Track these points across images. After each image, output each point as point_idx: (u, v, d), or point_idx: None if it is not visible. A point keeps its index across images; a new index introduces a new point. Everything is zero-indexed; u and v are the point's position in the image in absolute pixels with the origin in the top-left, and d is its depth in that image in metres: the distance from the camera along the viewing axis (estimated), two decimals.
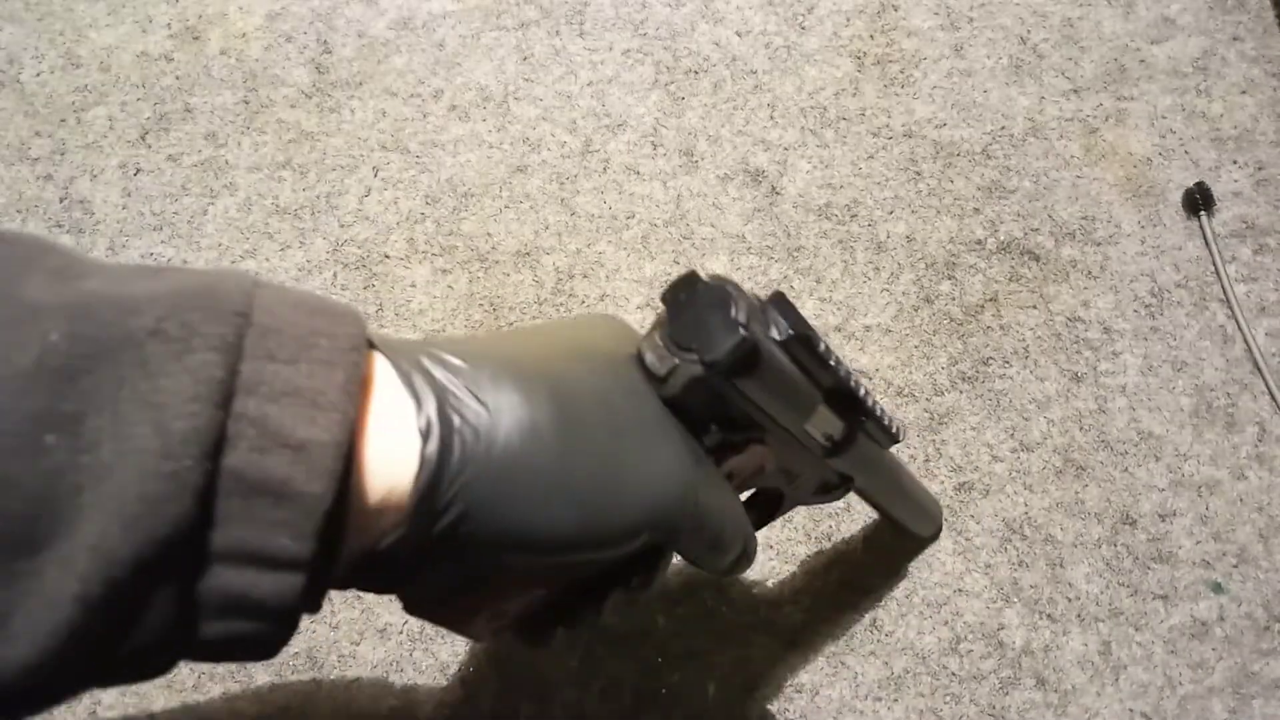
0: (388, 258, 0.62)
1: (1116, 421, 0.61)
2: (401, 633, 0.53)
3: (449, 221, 0.63)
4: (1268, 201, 0.68)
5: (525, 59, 0.67)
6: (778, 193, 0.65)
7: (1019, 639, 0.56)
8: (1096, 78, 0.70)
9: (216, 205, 0.61)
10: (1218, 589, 0.58)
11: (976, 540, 0.58)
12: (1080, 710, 0.55)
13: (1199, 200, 0.66)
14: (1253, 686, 0.56)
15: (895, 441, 0.44)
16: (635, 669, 0.53)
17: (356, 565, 0.27)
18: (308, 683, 0.51)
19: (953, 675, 0.55)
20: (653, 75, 0.68)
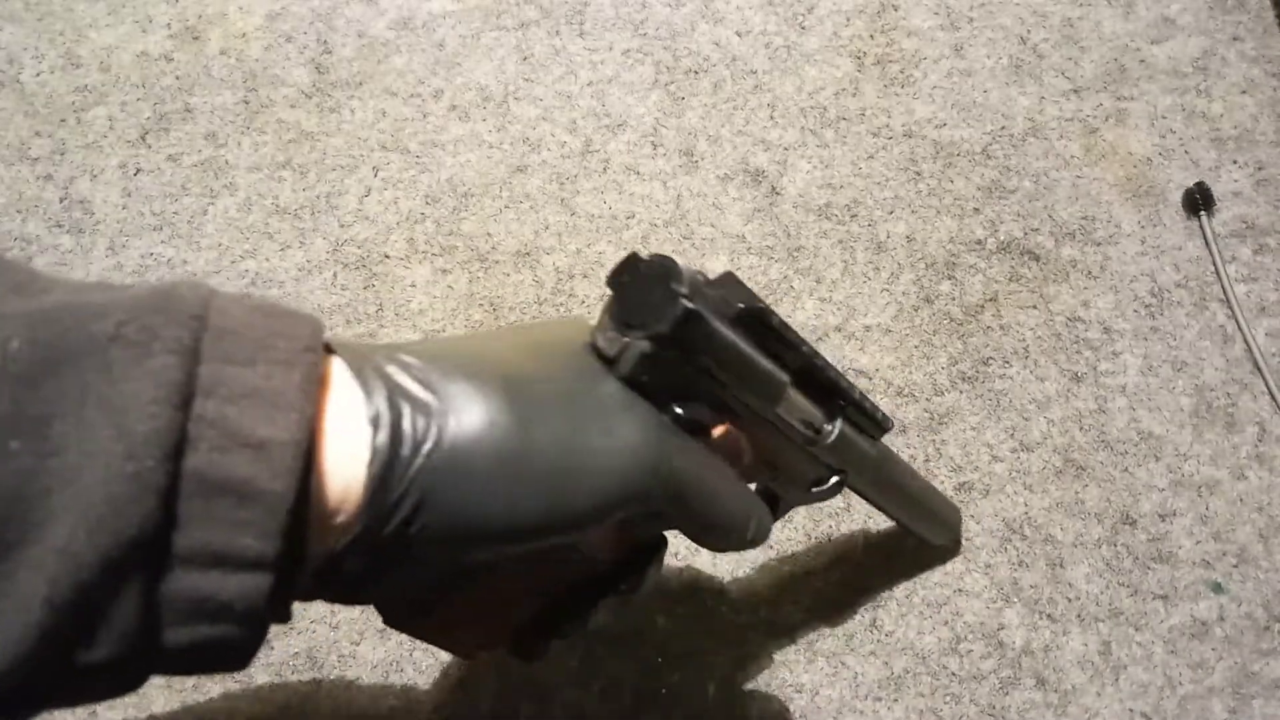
0: (388, 258, 0.62)
1: (1116, 421, 0.61)
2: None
3: (449, 221, 0.63)
4: (1268, 201, 0.68)
5: (525, 59, 0.67)
6: (778, 193, 0.65)
7: (1019, 639, 0.56)
8: (1096, 78, 0.70)
9: (216, 205, 0.61)
10: (1218, 589, 0.58)
11: (976, 540, 0.58)
12: (1080, 710, 0.55)
13: (1199, 200, 0.66)
14: (1253, 686, 0.56)
15: (883, 430, 0.44)
16: (635, 669, 0.53)
17: (321, 570, 0.27)
18: (308, 683, 0.51)
19: (953, 675, 0.55)
20: (653, 75, 0.68)
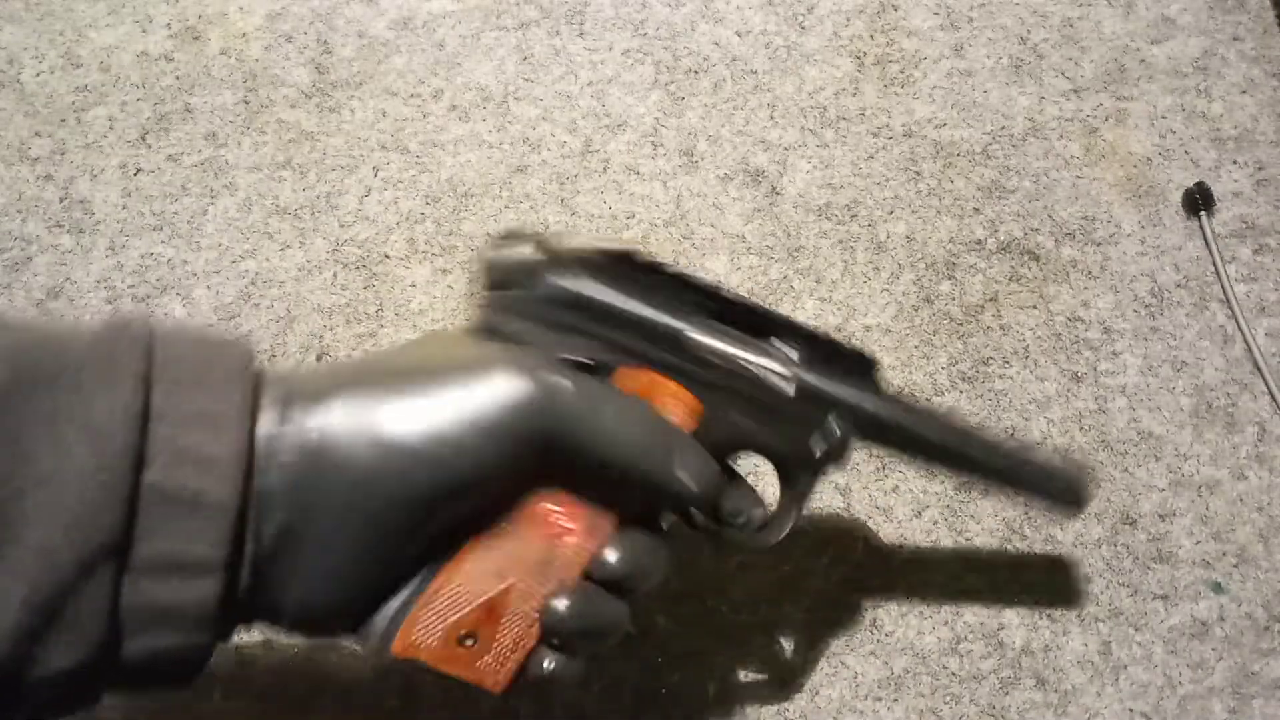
0: (388, 258, 0.62)
1: (1116, 421, 0.61)
2: None
3: (449, 221, 0.63)
4: (1268, 201, 0.68)
5: (525, 59, 0.67)
6: (778, 193, 0.65)
7: (1019, 639, 0.56)
8: (1096, 78, 0.70)
9: (216, 205, 0.61)
10: (1218, 589, 0.58)
11: (976, 540, 0.58)
12: (1080, 710, 0.55)
13: (1199, 200, 0.66)
14: (1253, 686, 0.56)
15: (867, 363, 0.43)
16: (635, 669, 0.53)
17: (258, 569, 0.29)
18: (308, 683, 0.51)
19: (953, 675, 0.55)
20: (653, 75, 0.68)
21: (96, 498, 0.25)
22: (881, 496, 0.58)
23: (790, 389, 0.40)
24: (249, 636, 0.52)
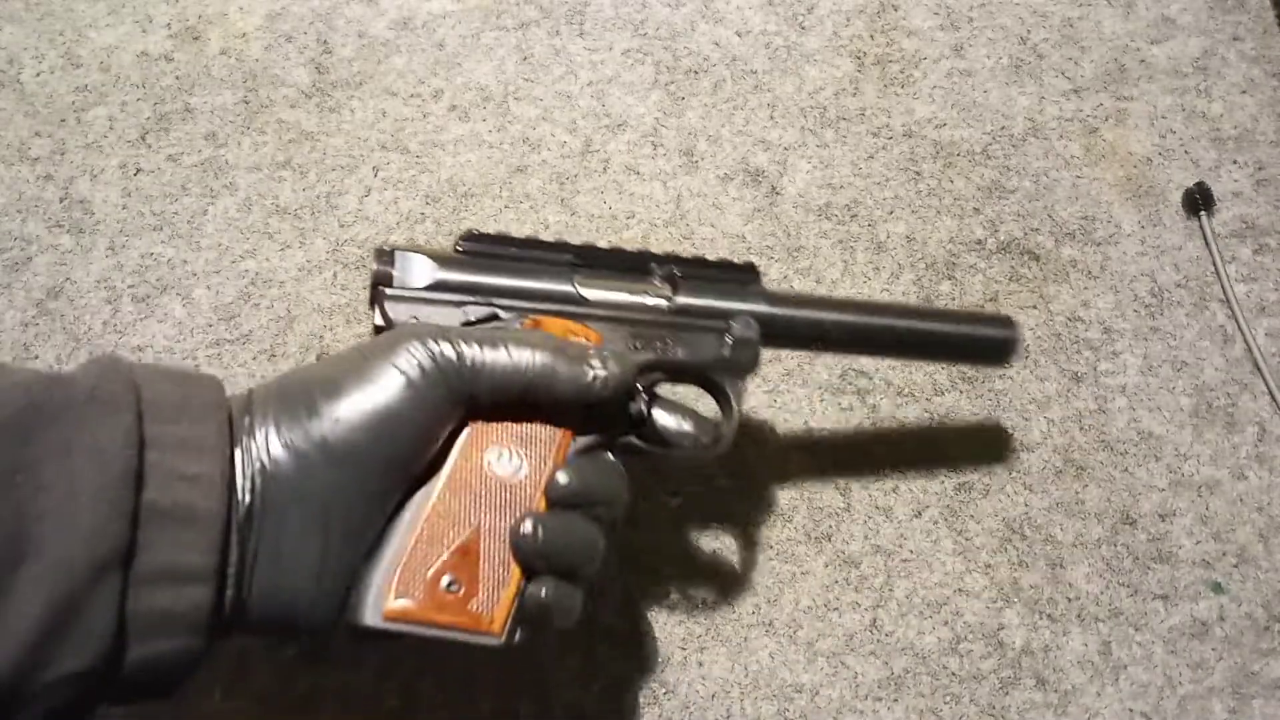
0: None
1: (1116, 421, 0.61)
2: None
3: (449, 221, 0.63)
4: (1268, 201, 0.68)
5: (525, 59, 0.67)
6: (778, 193, 0.65)
7: (1019, 639, 0.56)
8: (1096, 78, 0.70)
9: (216, 205, 0.61)
10: (1218, 589, 0.58)
11: (976, 540, 0.58)
12: (1080, 710, 0.55)
13: (1199, 200, 0.66)
14: (1253, 686, 0.56)
15: (751, 273, 0.47)
16: (635, 669, 0.53)
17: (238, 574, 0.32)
18: (308, 683, 0.51)
19: (953, 675, 0.55)
20: (653, 75, 0.68)
21: (106, 512, 0.28)
22: (881, 496, 0.58)
23: (667, 306, 0.44)
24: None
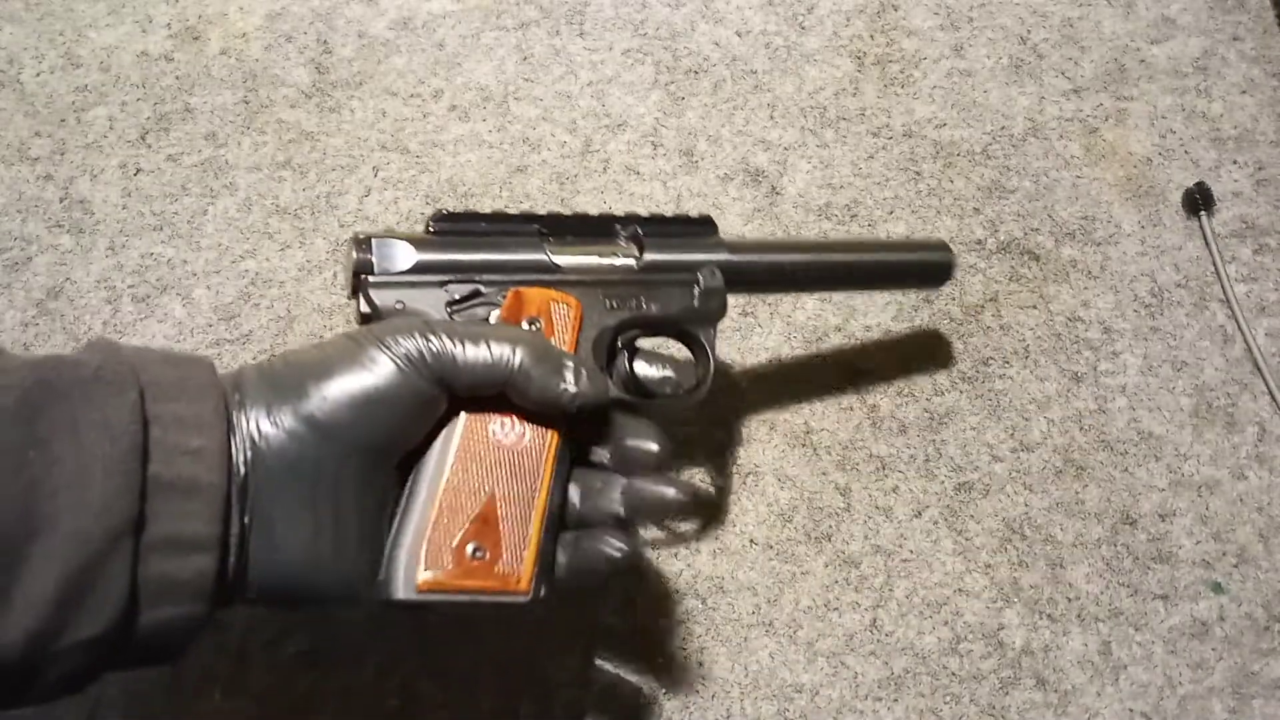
0: None
1: (1116, 421, 0.61)
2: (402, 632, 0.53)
3: None
4: (1268, 201, 0.68)
5: (525, 59, 0.67)
6: (778, 193, 0.65)
7: (1019, 639, 0.56)
8: (1096, 78, 0.70)
9: (216, 205, 0.61)
10: (1218, 589, 0.58)
11: (976, 540, 0.58)
12: (1080, 710, 0.55)
13: (1199, 200, 0.66)
14: (1253, 686, 0.56)
15: (708, 225, 0.48)
16: (635, 669, 0.53)
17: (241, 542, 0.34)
18: (308, 683, 0.51)
19: (953, 675, 0.55)
20: (653, 75, 0.68)
21: (117, 484, 0.30)
22: (881, 496, 0.58)
23: (635, 265, 0.46)
24: (250, 636, 0.52)
